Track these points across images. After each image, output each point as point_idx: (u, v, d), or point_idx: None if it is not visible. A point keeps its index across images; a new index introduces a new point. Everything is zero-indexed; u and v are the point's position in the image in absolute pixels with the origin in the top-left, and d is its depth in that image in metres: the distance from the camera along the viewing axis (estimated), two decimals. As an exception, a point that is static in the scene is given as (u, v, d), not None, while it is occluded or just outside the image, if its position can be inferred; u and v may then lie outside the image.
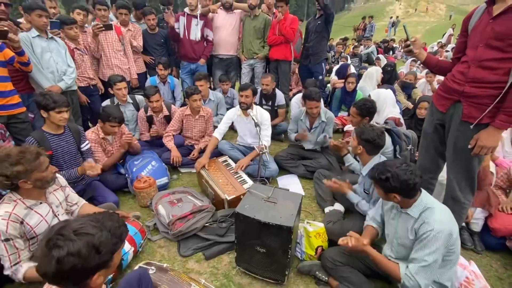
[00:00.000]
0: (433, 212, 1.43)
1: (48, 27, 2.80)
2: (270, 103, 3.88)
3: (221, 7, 4.11)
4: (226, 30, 4.14)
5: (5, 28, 2.31)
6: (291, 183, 2.95)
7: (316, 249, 1.94)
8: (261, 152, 2.52)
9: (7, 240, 1.46)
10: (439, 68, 1.95)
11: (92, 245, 0.88)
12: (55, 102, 2.10)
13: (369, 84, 4.75)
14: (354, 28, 14.09)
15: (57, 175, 1.79)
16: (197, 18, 3.91)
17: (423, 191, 1.54)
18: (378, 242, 1.90)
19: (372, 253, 1.55)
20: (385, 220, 1.75)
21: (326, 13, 3.89)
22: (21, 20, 2.97)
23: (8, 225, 1.45)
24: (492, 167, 2.29)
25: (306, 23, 4.18)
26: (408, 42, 1.88)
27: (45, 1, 3.43)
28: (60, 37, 2.96)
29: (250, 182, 2.51)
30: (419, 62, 4.95)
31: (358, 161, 2.53)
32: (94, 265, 0.89)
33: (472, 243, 2.21)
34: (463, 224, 2.29)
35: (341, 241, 1.58)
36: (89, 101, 3.38)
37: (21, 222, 1.52)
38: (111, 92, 3.25)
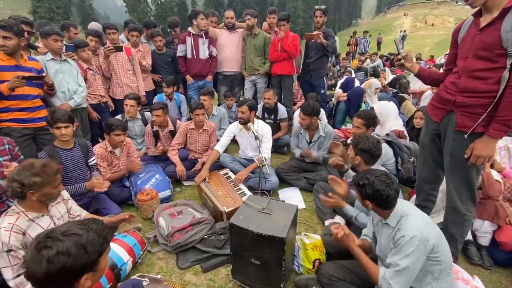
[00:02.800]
0: (407, 219, 1.44)
1: (63, 50, 3.03)
2: (272, 117, 3.95)
3: (224, 27, 4.32)
4: (230, 48, 4.32)
5: (44, 75, 2.63)
6: (292, 196, 2.94)
7: (314, 262, 1.92)
8: (260, 165, 2.56)
9: (9, 251, 1.50)
10: (431, 79, 1.97)
11: (80, 244, 0.92)
12: (52, 118, 2.25)
13: (374, 97, 4.76)
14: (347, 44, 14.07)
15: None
16: (203, 37, 4.11)
17: (400, 200, 1.53)
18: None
19: (356, 252, 1.57)
20: (376, 236, 1.72)
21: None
22: (37, 44, 3.24)
23: (10, 236, 1.50)
24: (497, 176, 2.22)
25: (306, 40, 4.31)
26: (399, 57, 1.91)
27: (70, 29, 3.76)
28: (74, 59, 3.19)
29: (249, 194, 2.53)
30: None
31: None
32: (82, 265, 0.92)
33: (479, 257, 2.12)
34: (470, 238, 2.21)
35: (334, 228, 1.63)
36: (99, 118, 3.56)
37: (23, 233, 1.57)
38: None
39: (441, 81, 1.88)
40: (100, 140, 3.83)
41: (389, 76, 7.02)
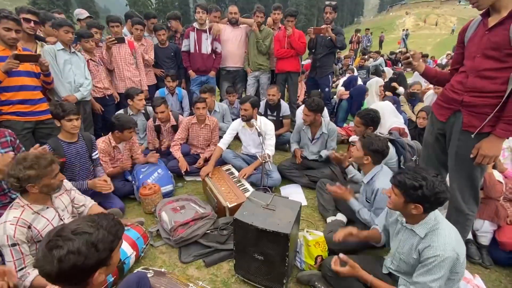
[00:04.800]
0: (440, 235, 1.34)
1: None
2: (275, 114, 3.95)
3: (227, 22, 4.29)
4: (233, 43, 4.30)
5: (39, 53, 2.56)
6: (294, 193, 2.95)
7: (316, 259, 1.93)
8: (263, 161, 2.56)
9: (14, 245, 1.50)
10: (437, 79, 1.97)
11: (90, 243, 0.92)
12: (64, 111, 2.25)
13: (375, 96, 4.76)
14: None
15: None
16: (206, 32, 4.08)
17: None
18: (382, 253, 1.87)
19: (369, 279, 1.50)
20: (390, 232, 1.71)
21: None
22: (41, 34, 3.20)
23: (16, 230, 1.51)
24: (500, 177, 2.23)
25: (315, 35, 4.28)
26: (408, 55, 1.90)
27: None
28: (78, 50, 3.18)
29: (252, 190, 2.54)
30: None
31: (360, 171, 2.53)
32: (94, 262, 0.93)
33: (480, 257, 2.13)
34: (470, 237, 2.23)
35: (336, 266, 1.55)
36: (103, 110, 3.55)
37: (29, 227, 1.57)
38: (130, 103, 3.40)
39: (446, 81, 1.88)
40: (103, 134, 3.81)
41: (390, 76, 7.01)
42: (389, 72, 7.49)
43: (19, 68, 2.34)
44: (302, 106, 4.09)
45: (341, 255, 1.54)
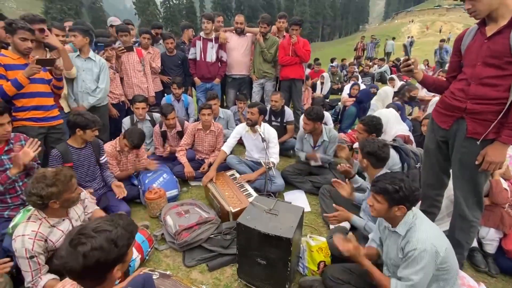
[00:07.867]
0: (417, 231, 1.42)
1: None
2: (279, 120, 3.99)
3: (233, 31, 4.40)
4: (239, 51, 4.40)
5: (55, 57, 2.64)
6: (298, 199, 2.96)
7: (319, 264, 1.93)
8: (267, 167, 2.59)
9: (32, 257, 1.56)
10: (435, 86, 1.98)
11: (111, 239, 0.98)
12: (94, 123, 2.38)
13: (380, 104, 4.76)
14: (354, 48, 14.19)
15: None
16: (212, 41, 4.19)
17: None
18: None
19: (366, 264, 1.56)
20: (382, 242, 1.72)
21: None
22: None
23: (34, 244, 1.56)
24: (505, 184, 2.22)
25: None
26: (409, 62, 1.90)
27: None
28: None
29: (255, 195, 2.56)
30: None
31: (365, 178, 2.53)
32: (114, 258, 0.98)
33: (486, 265, 2.11)
34: (476, 245, 2.21)
35: (341, 245, 1.61)
36: (119, 115, 3.67)
37: (45, 240, 1.63)
38: (132, 109, 3.51)
39: (444, 89, 1.89)
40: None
41: (398, 84, 6.98)
42: (397, 80, 7.42)
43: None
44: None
45: (351, 236, 1.65)
